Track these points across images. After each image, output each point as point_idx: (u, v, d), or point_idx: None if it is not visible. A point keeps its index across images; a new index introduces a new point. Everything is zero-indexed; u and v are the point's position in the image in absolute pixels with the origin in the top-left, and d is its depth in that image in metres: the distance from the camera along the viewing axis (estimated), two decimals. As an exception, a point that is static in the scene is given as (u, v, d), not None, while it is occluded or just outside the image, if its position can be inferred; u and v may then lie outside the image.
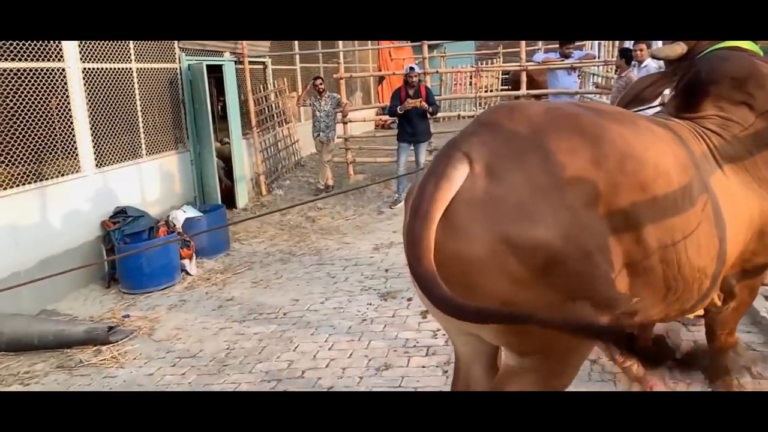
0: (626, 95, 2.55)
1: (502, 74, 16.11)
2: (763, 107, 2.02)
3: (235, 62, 8.74)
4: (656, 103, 2.57)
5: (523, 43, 8.84)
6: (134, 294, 5.56)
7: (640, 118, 1.95)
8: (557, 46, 8.99)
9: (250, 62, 9.16)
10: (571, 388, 1.83)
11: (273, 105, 10.13)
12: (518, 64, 8.91)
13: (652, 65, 6.83)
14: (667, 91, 3.23)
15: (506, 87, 15.89)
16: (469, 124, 1.85)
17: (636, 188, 1.62)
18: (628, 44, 7.65)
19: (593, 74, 10.16)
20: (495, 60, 16.08)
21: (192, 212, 6.61)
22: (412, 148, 8.07)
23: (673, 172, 1.71)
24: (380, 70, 15.74)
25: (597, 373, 3.27)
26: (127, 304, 5.38)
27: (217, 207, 7.14)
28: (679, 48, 2.29)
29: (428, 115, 8.07)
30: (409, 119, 7.92)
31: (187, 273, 6.00)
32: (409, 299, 4.72)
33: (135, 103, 6.79)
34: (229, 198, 8.19)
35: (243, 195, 8.63)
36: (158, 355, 4.24)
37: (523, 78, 8.76)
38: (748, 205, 1.93)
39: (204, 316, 4.92)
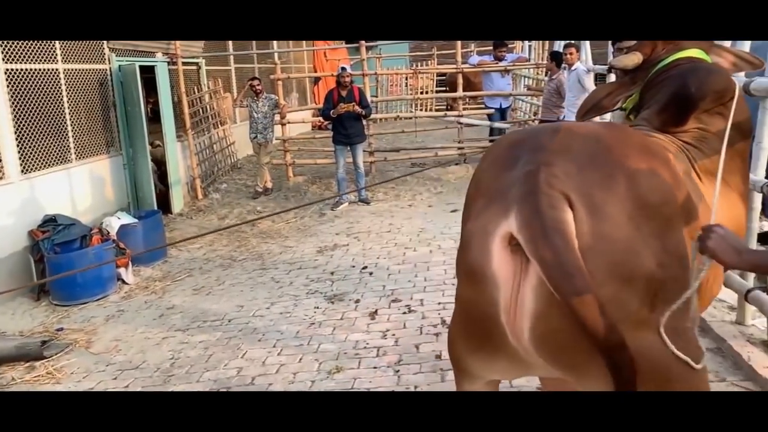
0: (585, 104, 2.61)
1: (437, 76, 16.36)
2: (735, 118, 2.10)
3: (168, 63, 8.49)
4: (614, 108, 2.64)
5: (459, 44, 9.03)
6: (67, 306, 5.31)
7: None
8: (491, 48, 9.23)
9: (184, 63, 8.93)
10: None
11: (207, 106, 9.91)
12: (455, 66, 9.07)
13: (581, 68, 7.14)
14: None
15: (442, 88, 16.18)
16: (532, 149, 1.65)
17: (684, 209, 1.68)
18: (559, 47, 7.95)
19: (524, 77, 10.49)
20: (430, 62, 16.31)
21: (127, 219, 6.38)
22: (349, 149, 8.09)
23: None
24: (315, 71, 15.67)
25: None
26: (60, 316, 5.14)
27: (152, 213, 6.92)
28: (635, 58, 2.37)
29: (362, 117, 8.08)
30: (343, 122, 7.90)
31: (124, 282, 5.79)
32: (357, 301, 4.74)
33: (63, 105, 6.49)
34: (163, 203, 7.95)
35: (178, 199, 8.40)
36: (98, 368, 4.08)
37: (460, 80, 8.93)
38: (722, 213, 1.98)
39: (144, 325, 4.77)
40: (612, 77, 6.77)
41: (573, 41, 7.28)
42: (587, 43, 7.38)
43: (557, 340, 1.54)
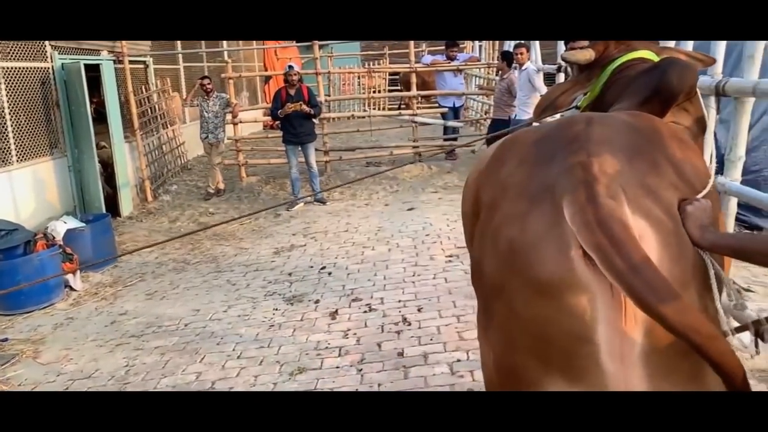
0: (542, 102, 2.64)
1: (389, 75, 16.42)
2: (697, 113, 2.15)
3: (114, 61, 8.23)
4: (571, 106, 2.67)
5: (411, 44, 9.08)
6: (11, 315, 5.09)
7: None
8: (443, 48, 9.32)
9: (130, 61, 8.67)
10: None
11: (156, 106, 9.65)
12: (408, 65, 9.12)
13: (531, 68, 7.29)
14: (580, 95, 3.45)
15: (394, 88, 16.24)
16: (569, 142, 1.52)
17: None
18: (509, 47, 8.11)
19: (475, 76, 10.64)
20: (381, 61, 16.35)
21: (73, 223, 6.15)
22: (300, 149, 8.00)
23: None
24: (266, 70, 15.49)
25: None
26: (4, 326, 4.91)
27: (101, 216, 6.68)
28: (588, 54, 2.40)
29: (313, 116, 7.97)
30: (292, 121, 7.81)
31: (72, 288, 5.58)
32: (316, 301, 4.71)
33: (2, 105, 6.20)
34: (111, 206, 7.69)
35: (127, 202, 8.16)
36: (47, 379, 3.92)
37: (413, 79, 8.99)
38: None
39: (96, 333, 4.61)
40: (561, 76, 6.96)
41: (523, 41, 7.44)
42: (537, 43, 7.55)
43: (679, 346, 1.33)
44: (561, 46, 6.95)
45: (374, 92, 13.29)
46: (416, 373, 3.46)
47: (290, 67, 8.04)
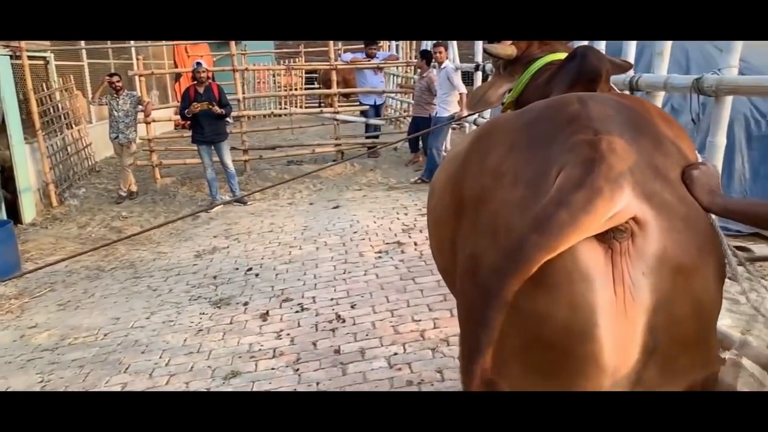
0: (473, 98, 2.69)
1: (306, 73, 16.27)
2: None
3: (11, 57, 7.64)
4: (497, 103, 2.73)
5: (331, 42, 9.04)
6: None
7: None
8: (362, 46, 9.34)
9: (29, 57, 8.09)
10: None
11: (59, 105, 9.06)
12: (328, 63, 9.07)
13: (450, 67, 7.45)
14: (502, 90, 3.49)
15: (311, 86, 16.11)
16: (568, 121, 1.44)
17: None
18: (426, 46, 8.24)
19: (393, 75, 10.73)
20: (297, 59, 16.17)
21: (-30, 231, 5.66)
22: (213, 148, 7.76)
23: None
24: (176, 67, 14.92)
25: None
26: None
27: (3, 223, 6.19)
28: (510, 50, 2.47)
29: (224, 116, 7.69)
30: (200, 120, 7.54)
31: (-29, 302, 5.13)
32: (245, 304, 4.59)
33: None
34: (11, 212, 7.13)
35: (29, 208, 7.60)
36: (-50, 401, 3.58)
37: (334, 77, 8.95)
38: None
39: (3, 348, 4.26)
40: (479, 75, 7.15)
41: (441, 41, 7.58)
42: (454, 42, 7.72)
43: (682, 334, 1.29)
44: (478, 45, 7.16)
45: (290, 90, 13.10)
46: (354, 369, 3.45)
47: (198, 64, 7.75)
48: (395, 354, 3.57)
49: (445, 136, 7.86)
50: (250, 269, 5.37)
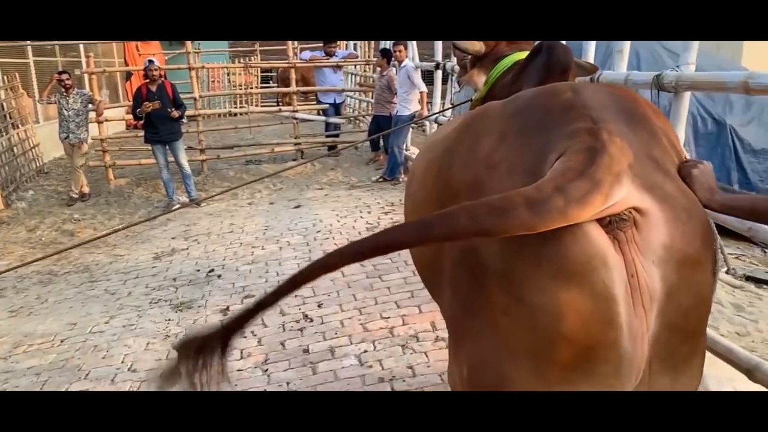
0: (461, 76, 2.68)
1: (261, 72, 16.08)
2: None
3: (-49, 53, 7.29)
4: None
5: (290, 41, 8.96)
6: None
7: None
8: (321, 45, 9.29)
9: (-30, 53, 7.73)
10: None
11: (4, 104, 8.69)
12: (287, 61, 8.97)
13: (410, 65, 7.48)
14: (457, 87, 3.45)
15: (266, 85, 15.92)
16: (565, 109, 1.42)
17: None
18: (385, 45, 8.25)
19: (351, 73, 10.70)
20: (253, 57, 15.95)
21: None
22: (168, 148, 7.57)
23: None
24: (127, 65, 14.50)
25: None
26: None
27: (-55, 227, 5.89)
28: (478, 45, 2.50)
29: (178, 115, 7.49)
30: (152, 119, 7.35)
31: None
32: (208, 306, 4.49)
33: None
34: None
35: (-26, 211, 7.27)
36: None
37: (293, 75, 8.86)
38: None
39: (-49, 358, 4.06)
40: (438, 74, 7.21)
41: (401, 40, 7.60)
42: (414, 41, 7.75)
43: (687, 324, 1.30)
44: (438, 45, 7.22)
45: (247, 89, 12.92)
46: (325, 368, 3.42)
47: (150, 61, 7.54)
48: (365, 351, 3.56)
49: (406, 134, 7.89)
50: (212, 270, 5.26)
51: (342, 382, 3.25)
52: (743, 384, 2.95)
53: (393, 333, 3.74)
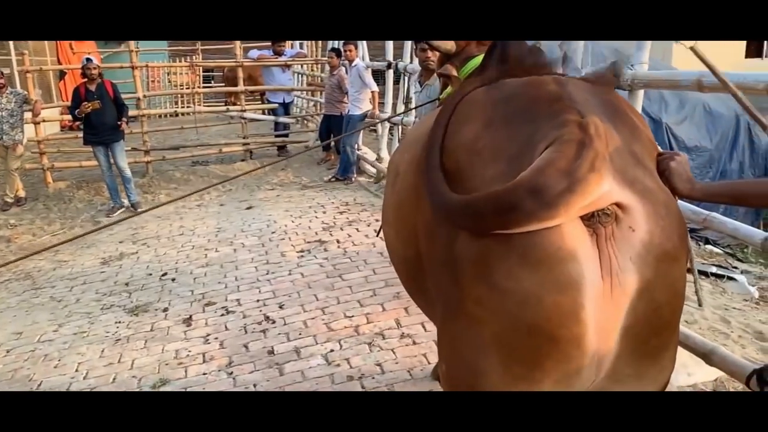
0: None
1: (204, 71, 15.73)
2: None
3: None
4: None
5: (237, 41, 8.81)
6: None
7: None
8: (269, 44, 9.18)
9: None
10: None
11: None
12: (235, 60, 8.81)
13: (361, 65, 7.49)
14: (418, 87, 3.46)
15: (207, 84, 15.58)
16: (551, 101, 1.43)
17: None
18: (335, 44, 8.23)
19: (298, 73, 10.58)
20: (195, 56, 15.57)
21: None
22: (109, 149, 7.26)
23: None
24: (60, 64, 13.89)
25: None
26: None
27: None
28: (449, 45, 2.56)
29: (120, 115, 7.15)
30: (91, 119, 7.01)
31: None
32: (165, 309, 4.37)
33: None
34: None
35: None
36: None
37: (240, 74, 8.71)
38: None
39: None
40: (390, 73, 7.24)
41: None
42: (364, 41, 7.76)
43: (659, 319, 1.32)
44: (389, 45, 7.25)
45: (192, 88, 12.61)
46: (291, 369, 3.39)
47: (88, 59, 7.20)
48: (332, 351, 3.54)
49: (358, 134, 7.89)
50: (165, 274, 5.12)
51: (310, 382, 3.23)
52: (696, 369, 3.12)
53: (358, 331, 3.74)
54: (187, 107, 10.76)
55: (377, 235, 5.14)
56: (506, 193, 1.25)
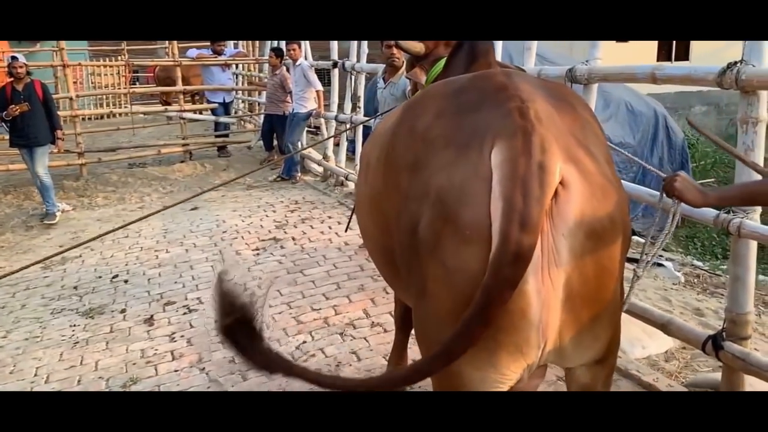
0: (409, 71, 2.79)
1: (132, 72, 15.16)
2: None
3: None
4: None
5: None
6: None
7: None
8: (208, 43, 9.02)
9: None
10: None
11: None
12: (173, 59, 8.60)
13: (305, 64, 7.51)
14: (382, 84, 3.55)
15: (132, 85, 15.04)
16: (496, 90, 1.54)
17: None
18: (277, 44, 8.20)
19: (236, 73, 10.43)
20: (121, 56, 14.99)
21: None
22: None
23: None
24: (-28, 64, 13.03)
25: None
26: None
27: None
28: (419, 46, 2.67)
29: (50, 121, 6.75)
30: (17, 122, 6.61)
31: None
32: (122, 311, 4.25)
33: None
34: None
35: None
36: None
37: (179, 74, 8.50)
38: None
39: None
40: (335, 72, 7.30)
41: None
42: (307, 41, 7.78)
43: (588, 292, 1.43)
44: (334, 44, 7.31)
45: (109, 89, 12.18)
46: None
47: (14, 57, 6.76)
48: (304, 342, 3.58)
49: (301, 132, 7.90)
50: (116, 276, 4.96)
51: (288, 373, 3.24)
52: (650, 343, 3.38)
53: (328, 323, 3.79)
54: (115, 109, 10.35)
55: (345, 231, 5.19)
56: (492, 287, 1.32)
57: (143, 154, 8.76)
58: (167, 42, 14.88)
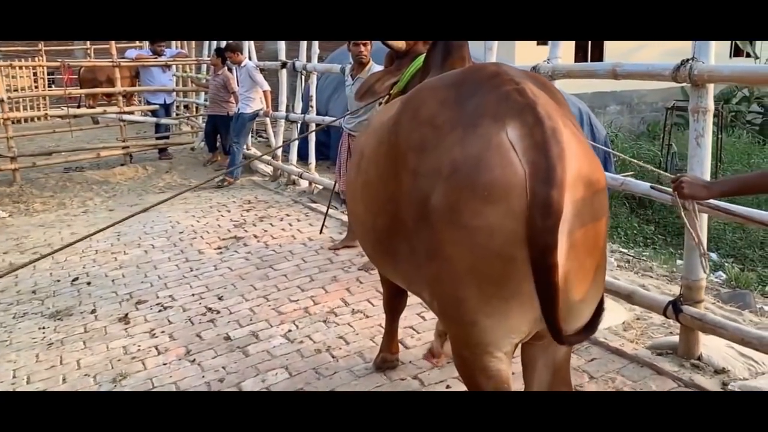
0: (361, 89, 2.96)
1: (48, 74, 14.47)
2: None
3: None
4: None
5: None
6: None
7: None
8: (147, 43, 8.82)
9: None
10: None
11: None
12: (110, 60, 8.35)
13: (250, 64, 7.54)
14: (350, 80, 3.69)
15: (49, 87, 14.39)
16: (490, 77, 1.76)
17: None
18: (215, 45, 8.16)
19: (175, 75, 10.19)
20: (38, 57, 14.26)
21: None
22: None
23: None
24: None
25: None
26: None
27: None
28: (401, 44, 2.87)
29: None
30: None
31: None
32: (93, 311, 4.18)
33: None
34: None
35: None
36: None
37: (117, 74, 8.26)
38: None
39: None
40: (284, 72, 7.37)
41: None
42: (251, 41, 7.81)
43: (587, 239, 1.62)
44: (281, 44, 7.38)
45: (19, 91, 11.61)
46: (256, 350, 3.47)
47: None
48: (290, 331, 3.67)
49: (248, 132, 7.91)
50: (76, 279, 4.85)
51: (280, 359, 3.34)
52: (609, 314, 3.72)
53: (309, 312, 3.90)
54: (47, 111, 9.90)
55: (320, 233, 5.32)
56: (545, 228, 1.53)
57: (81, 157, 8.45)
58: (88, 42, 14.46)
